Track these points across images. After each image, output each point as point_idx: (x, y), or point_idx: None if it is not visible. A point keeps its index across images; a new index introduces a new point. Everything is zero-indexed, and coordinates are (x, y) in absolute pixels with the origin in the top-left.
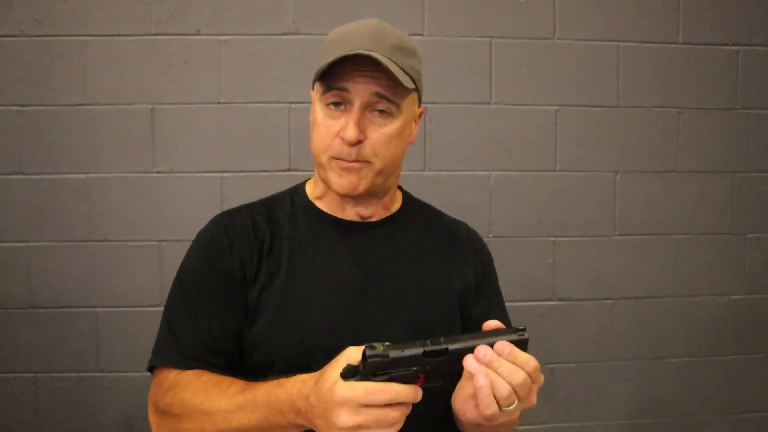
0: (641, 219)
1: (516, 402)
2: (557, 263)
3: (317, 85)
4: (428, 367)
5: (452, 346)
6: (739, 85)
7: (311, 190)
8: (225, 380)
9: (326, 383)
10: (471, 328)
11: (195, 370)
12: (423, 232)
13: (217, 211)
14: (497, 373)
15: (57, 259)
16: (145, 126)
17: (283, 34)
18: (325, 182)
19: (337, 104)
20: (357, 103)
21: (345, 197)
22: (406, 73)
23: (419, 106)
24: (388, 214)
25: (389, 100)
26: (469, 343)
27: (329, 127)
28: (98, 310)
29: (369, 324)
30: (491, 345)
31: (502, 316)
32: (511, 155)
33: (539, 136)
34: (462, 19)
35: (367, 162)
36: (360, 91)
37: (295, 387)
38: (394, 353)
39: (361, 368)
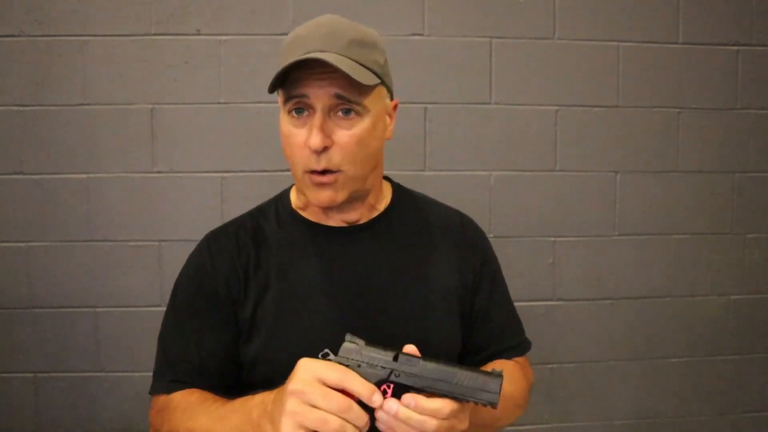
0: (641, 219)
1: None
2: (557, 263)
3: (280, 93)
4: (398, 376)
5: (424, 363)
6: (739, 85)
7: (295, 198)
8: (211, 398)
9: (288, 383)
10: (475, 321)
11: (185, 390)
12: (414, 227)
13: (217, 211)
14: (408, 425)
15: (57, 259)
16: (145, 126)
17: (283, 34)
18: (305, 196)
19: (299, 110)
20: (318, 107)
21: (320, 209)
22: (368, 68)
23: (392, 99)
24: (376, 213)
25: (351, 101)
26: (442, 369)
27: (295, 137)
28: (98, 310)
29: (367, 330)
30: (458, 384)
31: (504, 306)
32: (511, 155)
33: (539, 136)
34: (462, 19)
35: (338, 171)
36: (319, 95)
37: (267, 394)
38: (368, 347)
39: (336, 354)
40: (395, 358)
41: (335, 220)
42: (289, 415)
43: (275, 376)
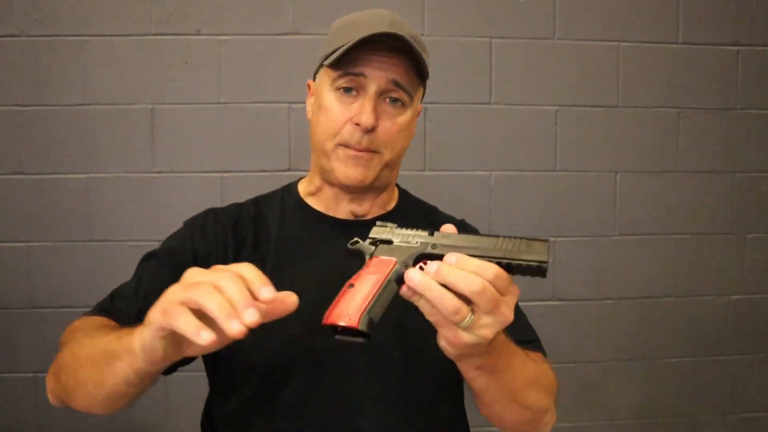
0: (641, 219)
1: (471, 317)
2: (557, 263)
3: (326, 71)
4: (434, 247)
5: (462, 235)
6: (739, 85)
7: (304, 187)
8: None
9: None
10: None
11: (102, 318)
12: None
13: None
14: (446, 282)
15: (57, 259)
16: (145, 126)
17: (283, 34)
18: (327, 172)
19: (348, 90)
20: (373, 89)
21: (346, 189)
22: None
23: (421, 102)
24: (383, 212)
25: (404, 90)
26: (481, 238)
27: (340, 112)
28: None
29: None
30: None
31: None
32: (511, 155)
33: (539, 136)
34: (462, 19)
35: (377, 152)
36: (377, 76)
37: None
38: (400, 228)
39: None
40: (430, 234)
41: (344, 212)
42: (168, 294)
43: (254, 362)
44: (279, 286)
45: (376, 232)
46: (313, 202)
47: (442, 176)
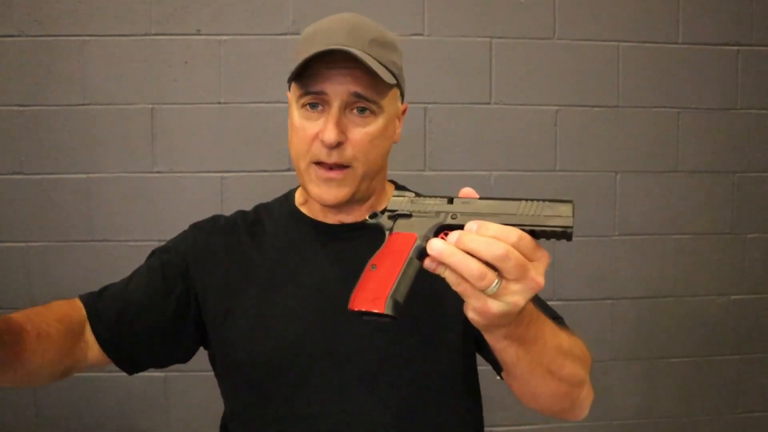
0: (641, 219)
1: (498, 282)
2: (557, 263)
3: (293, 87)
4: (454, 218)
5: (482, 200)
6: (739, 85)
7: (298, 195)
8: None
9: None
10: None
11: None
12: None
13: (217, 211)
14: (468, 249)
15: (57, 259)
16: (145, 126)
17: (283, 34)
18: (305, 191)
19: (313, 105)
20: (335, 104)
21: (322, 206)
22: (387, 69)
23: (402, 102)
24: None
25: (369, 100)
26: (502, 203)
27: (306, 129)
28: None
29: (350, 333)
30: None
31: None
32: (511, 155)
33: (539, 136)
34: (462, 19)
35: (349, 167)
36: (338, 91)
37: None
38: (419, 197)
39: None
40: (450, 201)
41: (332, 220)
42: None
43: (243, 365)
44: (272, 293)
45: (395, 204)
46: (305, 209)
47: (442, 176)
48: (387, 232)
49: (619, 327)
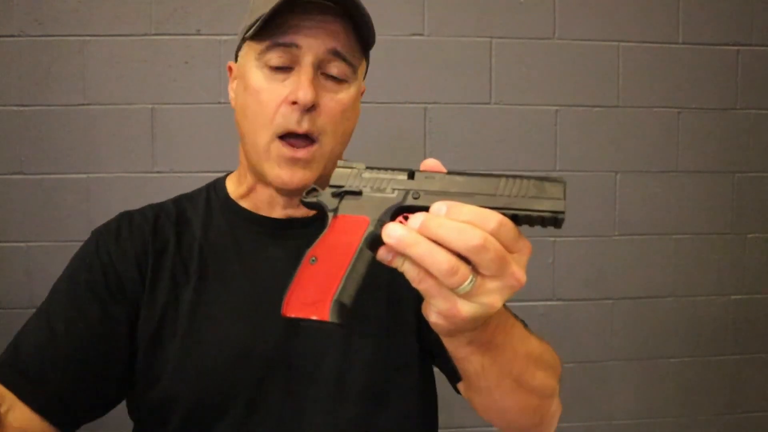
0: (641, 219)
1: (473, 279)
2: (557, 263)
3: (250, 45)
4: (416, 197)
5: (451, 176)
6: (739, 85)
7: (233, 186)
8: None
9: None
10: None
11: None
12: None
13: None
14: (435, 238)
15: (57, 259)
16: (145, 126)
17: None
18: (259, 174)
19: (278, 69)
20: (308, 59)
21: (280, 192)
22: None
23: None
24: None
25: (346, 61)
26: (478, 179)
27: (270, 92)
28: None
29: (302, 346)
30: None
31: None
32: (511, 155)
33: (539, 136)
34: (462, 19)
35: (315, 143)
36: (313, 45)
37: None
38: (370, 169)
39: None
40: (410, 176)
41: (279, 214)
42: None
43: (179, 396)
44: (206, 304)
45: (339, 178)
46: (244, 203)
47: None
48: (330, 215)
49: (619, 327)
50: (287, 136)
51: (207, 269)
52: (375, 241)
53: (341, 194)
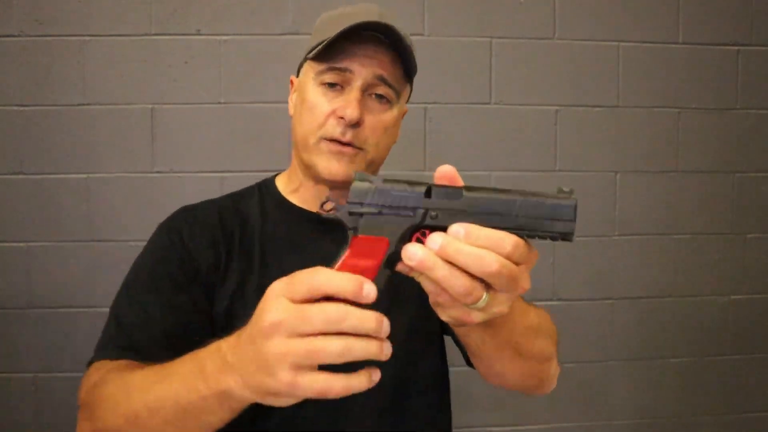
0: (641, 219)
1: (486, 297)
2: (557, 263)
3: (311, 65)
4: (434, 217)
5: (469, 194)
6: (739, 85)
7: (284, 184)
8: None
9: (256, 321)
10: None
11: (127, 361)
12: None
13: None
14: (454, 262)
15: (57, 259)
16: (145, 126)
17: (283, 34)
18: (309, 167)
19: (332, 85)
20: (358, 83)
21: (328, 184)
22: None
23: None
24: None
25: (390, 86)
26: (495, 198)
27: (322, 105)
28: (98, 310)
29: None
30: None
31: None
32: (511, 155)
33: (539, 136)
34: (462, 19)
35: (361, 149)
36: (363, 71)
37: (221, 342)
38: (388, 182)
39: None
40: (428, 193)
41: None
42: (278, 359)
43: None
44: (269, 283)
45: (358, 193)
46: (294, 199)
47: None
48: (350, 233)
49: (619, 327)
50: (333, 141)
51: (268, 258)
52: (392, 261)
53: (360, 214)
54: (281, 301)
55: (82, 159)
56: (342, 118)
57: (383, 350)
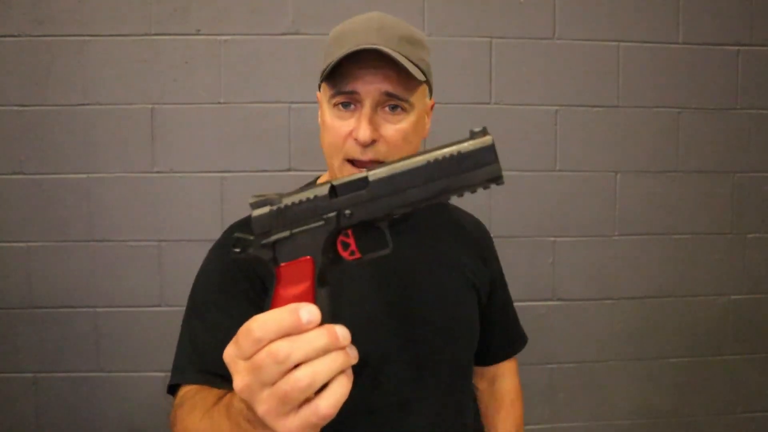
0: (641, 219)
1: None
2: (557, 263)
3: (324, 87)
4: (349, 216)
5: (374, 175)
6: (739, 85)
7: None
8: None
9: None
10: (494, 317)
11: (202, 386)
12: (440, 221)
13: (217, 211)
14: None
15: (57, 259)
16: (145, 126)
17: (283, 34)
18: None
19: (345, 104)
20: (367, 103)
21: None
22: (416, 66)
23: (430, 98)
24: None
25: (400, 98)
26: (403, 170)
27: (339, 128)
28: (98, 310)
29: (396, 323)
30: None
31: (510, 304)
32: (511, 155)
33: (539, 136)
34: (462, 19)
35: (384, 163)
36: (369, 91)
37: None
38: (287, 197)
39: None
40: (332, 193)
41: None
42: (266, 415)
43: None
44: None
45: (260, 224)
46: None
47: None
48: (270, 266)
49: (619, 327)
50: (354, 162)
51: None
52: (324, 274)
53: (272, 243)
54: (238, 364)
55: (82, 159)
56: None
57: (350, 357)
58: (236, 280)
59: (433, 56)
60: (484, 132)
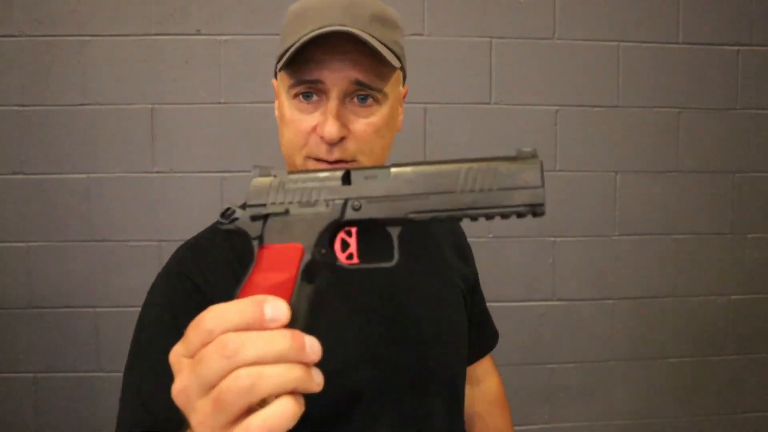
0: (641, 219)
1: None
2: (557, 263)
3: (282, 75)
4: (357, 208)
5: (398, 172)
6: (739, 85)
7: None
8: None
9: None
10: (474, 317)
11: None
12: (424, 232)
13: (217, 211)
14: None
15: (57, 259)
16: (145, 126)
17: None
18: None
19: (307, 95)
20: (334, 94)
21: None
22: (390, 50)
23: (404, 85)
24: None
25: (372, 87)
26: (432, 171)
27: (300, 123)
28: (98, 310)
29: (385, 323)
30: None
31: (484, 303)
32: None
33: (539, 136)
34: (462, 19)
35: (353, 161)
36: (337, 79)
37: None
38: (294, 174)
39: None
40: (346, 179)
41: None
42: (202, 427)
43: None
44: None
45: (258, 192)
46: None
47: None
48: (255, 245)
49: (619, 327)
50: (320, 161)
51: None
52: (312, 270)
53: (264, 216)
54: (182, 363)
55: (82, 159)
56: (323, 137)
57: (311, 378)
58: (189, 313)
59: (433, 56)
60: (533, 153)
